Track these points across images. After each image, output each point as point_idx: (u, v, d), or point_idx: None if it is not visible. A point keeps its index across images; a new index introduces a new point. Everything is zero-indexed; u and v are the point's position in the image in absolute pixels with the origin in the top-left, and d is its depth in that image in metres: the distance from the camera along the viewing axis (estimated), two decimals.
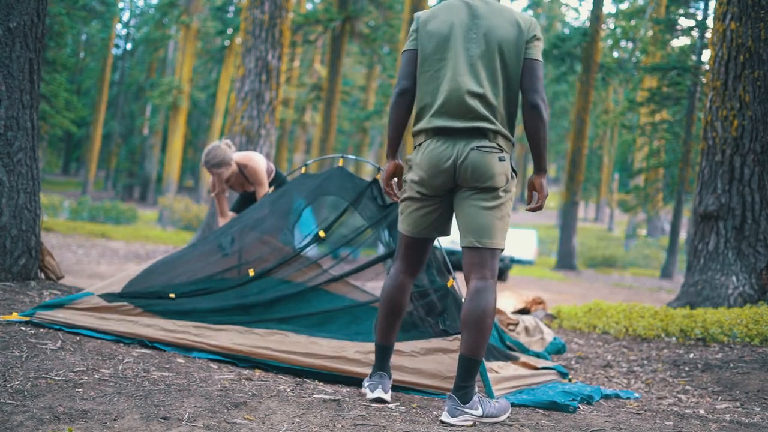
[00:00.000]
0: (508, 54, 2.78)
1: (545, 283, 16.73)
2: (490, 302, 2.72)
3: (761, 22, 6.57)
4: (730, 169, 6.67)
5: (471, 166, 2.74)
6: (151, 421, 2.31)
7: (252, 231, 4.09)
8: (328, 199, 4.11)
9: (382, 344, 2.98)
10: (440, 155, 2.78)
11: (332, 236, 3.97)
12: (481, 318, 2.69)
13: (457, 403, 2.67)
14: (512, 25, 2.80)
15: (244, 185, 5.30)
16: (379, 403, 2.89)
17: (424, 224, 2.90)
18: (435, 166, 2.78)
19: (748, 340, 5.13)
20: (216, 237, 4.16)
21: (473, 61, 2.79)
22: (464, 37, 2.82)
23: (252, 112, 11.30)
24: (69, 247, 13.45)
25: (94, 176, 38.51)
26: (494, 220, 2.77)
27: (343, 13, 23.13)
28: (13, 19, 4.36)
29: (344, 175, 4.07)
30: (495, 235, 2.77)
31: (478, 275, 2.76)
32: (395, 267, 3.00)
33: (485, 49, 2.79)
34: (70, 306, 3.55)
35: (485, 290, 2.73)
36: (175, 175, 31.46)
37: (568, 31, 35.31)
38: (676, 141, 22.97)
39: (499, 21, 2.81)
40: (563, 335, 5.96)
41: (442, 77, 2.82)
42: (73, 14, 21.42)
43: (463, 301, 2.84)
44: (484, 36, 2.80)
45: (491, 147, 2.75)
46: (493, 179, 2.75)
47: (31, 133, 4.53)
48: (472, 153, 2.74)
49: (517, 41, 2.79)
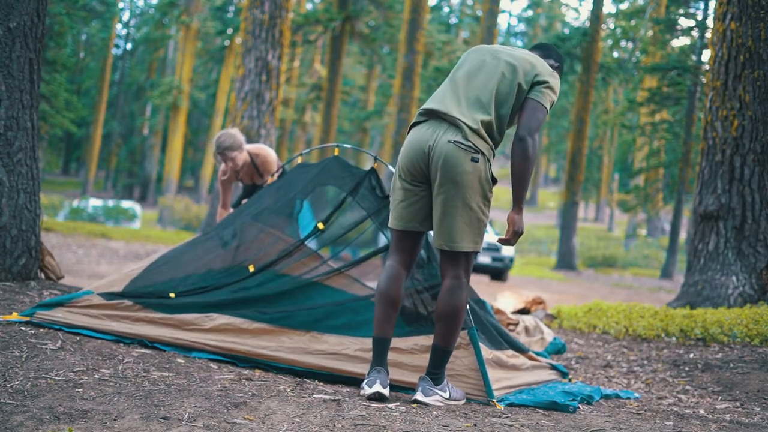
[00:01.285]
0: (502, 83, 3.00)
1: (545, 283, 16.73)
2: (461, 299, 2.98)
3: (761, 22, 6.57)
4: (730, 169, 6.67)
5: (442, 157, 2.89)
6: (151, 421, 2.31)
7: (253, 223, 4.07)
8: (326, 190, 4.10)
9: (379, 337, 3.02)
10: (420, 137, 2.96)
11: (331, 227, 3.94)
12: (453, 313, 2.97)
13: (431, 383, 2.97)
14: (517, 63, 3.04)
15: (253, 176, 5.29)
16: (377, 399, 2.89)
17: (408, 217, 3.02)
18: (413, 150, 2.96)
19: (748, 340, 5.13)
20: (217, 231, 4.14)
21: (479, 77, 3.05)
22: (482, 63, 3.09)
23: (252, 112, 11.29)
24: (69, 247, 13.45)
25: (94, 176, 38.53)
26: (462, 225, 2.92)
27: (343, 13, 23.12)
28: (13, 19, 4.36)
29: (341, 165, 4.06)
30: (464, 239, 2.93)
31: (451, 275, 2.99)
32: (389, 260, 3.10)
33: (491, 74, 3.02)
34: (70, 305, 3.54)
35: (458, 288, 2.97)
36: (175, 175, 31.48)
37: (568, 31, 35.29)
38: (676, 141, 22.98)
39: (511, 59, 3.06)
40: (563, 335, 5.96)
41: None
42: (73, 14, 21.41)
43: (438, 297, 3.04)
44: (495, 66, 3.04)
45: (466, 145, 2.88)
46: (462, 176, 2.86)
47: (31, 133, 4.53)
48: (447, 145, 2.89)
49: (512, 79, 3.01)
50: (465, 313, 3.06)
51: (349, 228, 3.93)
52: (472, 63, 3.10)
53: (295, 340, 3.40)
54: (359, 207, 3.91)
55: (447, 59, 25.27)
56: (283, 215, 4.11)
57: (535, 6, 49.90)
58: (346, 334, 3.41)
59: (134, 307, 3.57)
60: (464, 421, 2.66)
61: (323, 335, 3.41)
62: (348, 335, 3.41)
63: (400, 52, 19.99)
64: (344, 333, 3.42)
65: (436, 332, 3.00)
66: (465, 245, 2.93)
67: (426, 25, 21.33)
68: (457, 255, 2.96)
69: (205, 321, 3.49)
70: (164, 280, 3.80)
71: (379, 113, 30.24)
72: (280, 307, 3.61)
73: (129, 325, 3.51)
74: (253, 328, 3.46)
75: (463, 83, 3.04)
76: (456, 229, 2.91)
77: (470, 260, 3.01)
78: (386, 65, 30.03)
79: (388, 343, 3.03)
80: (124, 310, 3.56)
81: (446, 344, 2.99)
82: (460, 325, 3.01)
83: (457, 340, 3.17)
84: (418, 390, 2.95)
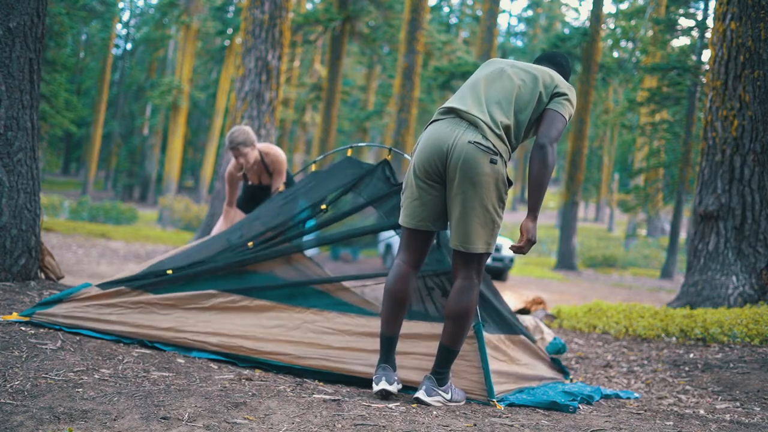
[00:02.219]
0: (523, 89, 3.04)
1: (545, 283, 16.73)
2: (472, 300, 2.98)
3: (761, 22, 6.57)
4: (730, 169, 6.67)
5: (462, 157, 2.87)
6: (151, 421, 2.31)
7: (259, 225, 4.06)
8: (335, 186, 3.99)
9: (386, 335, 3.04)
10: (440, 135, 2.93)
11: (337, 207, 3.87)
12: (463, 314, 2.96)
13: (435, 383, 2.96)
14: (538, 74, 3.09)
15: (261, 175, 5.35)
16: (383, 396, 2.91)
17: (422, 215, 3.01)
18: (431, 148, 2.93)
19: (748, 340, 5.13)
20: (226, 234, 4.11)
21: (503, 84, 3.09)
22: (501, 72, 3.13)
23: (252, 112, 11.30)
24: (69, 247, 13.45)
25: (94, 176, 38.53)
26: (478, 226, 2.91)
27: (343, 13, 23.13)
28: (13, 19, 4.36)
29: (353, 164, 4.00)
30: (478, 240, 2.93)
31: (462, 275, 2.99)
32: (398, 258, 3.09)
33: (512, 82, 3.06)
34: (70, 299, 3.54)
35: (469, 289, 2.97)
36: (175, 175, 31.48)
37: (568, 31, 35.30)
38: (676, 141, 22.97)
39: (532, 69, 3.13)
40: (563, 335, 5.96)
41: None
42: (73, 14, 21.43)
43: (449, 297, 3.03)
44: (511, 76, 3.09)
45: (486, 146, 2.87)
46: (480, 177, 2.86)
47: (31, 133, 4.53)
48: (467, 146, 2.87)
49: (533, 87, 3.05)
50: (474, 314, 3.05)
51: (352, 211, 3.85)
52: (492, 69, 3.13)
53: (295, 318, 3.43)
54: (367, 193, 3.84)
55: (447, 59, 25.27)
56: (286, 215, 4.09)
57: (535, 6, 49.89)
58: (356, 313, 3.42)
59: (132, 292, 3.57)
60: (464, 421, 2.66)
61: (323, 312, 3.44)
62: (359, 315, 3.42)
63: (400, 52, 20.00)
64: (354, 312, 3.43)
65: (444, 331, 2.99)
66: (479, 247, 2.93)
67: (426, 25, 21.32)
68: (470, 256, 2.96)
69: (205, 299, 3.50)
70: (164, 264, 3.79)
71: (379, 113, 30.23)
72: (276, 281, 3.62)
73: (128, 314, 3.50)
74: (254, 305, 3.47)
75: (485, 85, 3.05)
76: (471, 230, 2.91)
77: (482, 262, 3.01)
78: (386, 65, 30.03)
79: (395, 342, 3.05)
80: (123, 296, 3.56)
81: (453, 344, 2.98)
82: (469, 327, 3.00)
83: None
84: (421, 388, 2.94)
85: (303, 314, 3.47)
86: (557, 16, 49.87)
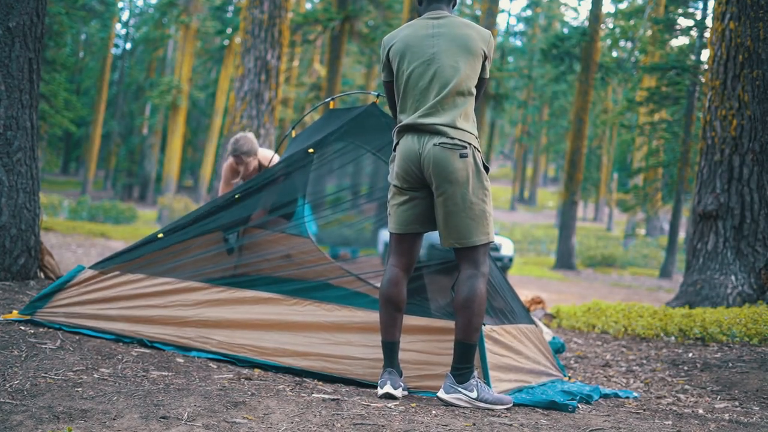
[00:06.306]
0: (462, 67, 3.02)
1: (544, 282, 16.74)
2: (478, 287, 2.92)
3: (760, 21, 6.57)
4: (729, 168, 6.67)
5: (432, 160, 2.92)
6: (150, 421, 2.31)
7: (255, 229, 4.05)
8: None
9: (387, 341, 3.04)
10: (410, 145, 2.99)
11: (322, 152, 3.80)
12: (470, 300, 2.90)
13: (453, 381, 2.90)
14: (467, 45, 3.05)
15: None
16: (388, 399, 2.92)
17: (409, 220, 3.04)
18: (405, 157, 2.99)
19: (747, 339, 5.13)
20: (220, 220, 4.04)
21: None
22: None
23: (251, 112, 11.29)
24: (68, 247, 13.45)
25: (94, 176, 38.50)
26: (468, 220, 2.94)
27: (343, 13, 23.11)
28: (13, 18, 4.36)
29: (339, 112, 3.94)
30: (473, 233, 2.95)
31: (466, 267, 2.98)
32: (389, 263, 3.11)
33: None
34: (68, 287, 3.54)
35: (473, 277, 2.94)
36: (174, 175, 31.44)
37: (567, 30, 35.30)
38: (675, 140, 22.97)
39: (451, 33, 3.08)
40: (562, 335, 5.96)
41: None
42: (72, 14, 21.42)
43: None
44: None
45: (452, 144, 2.92)
46: (455, 174, 2.89)
47: (31, 132, 4.53)
48: (433, 148, 2.93)
49: (472, 56, 3.04)
50: (485, 306, 3.00)
51: (339, 153, 3.82)
52: (420, 62, 3.06)
53: (295, 309, 3.44)
54: (355, 133, 3.81)
55: None
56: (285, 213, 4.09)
57: (534, 6, 49.85)
58: (348, 304, 3.43)
59: (125, 275, 3.56)
60: (463, 420, 2.66)
61: (324, 304, 3.46)
62: (352, 306, 3.42)
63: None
64: (345, 303, 3.43)
65: (456, 326, 2.94)
66: (476, 239, 2.95)
67: None
68: (470, 250, 2.97)
69: (202, 289, 3.50)
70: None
71: None
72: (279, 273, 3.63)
73: (130, 314, 3.49)
74: (250, 296, 3.49)
75: (424, 85, 3.02)
76: (463, 226, 2.93)
77: (485, 252, 3.00)
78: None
79: (396, 346, 3.06)
80: (121, 285, 3.55)
81: (467, 338, 2.91)
82: (481, 318, 2.94)
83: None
84: (441, 388, 2.94)
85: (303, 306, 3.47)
86: (556, 16, 49.83)
